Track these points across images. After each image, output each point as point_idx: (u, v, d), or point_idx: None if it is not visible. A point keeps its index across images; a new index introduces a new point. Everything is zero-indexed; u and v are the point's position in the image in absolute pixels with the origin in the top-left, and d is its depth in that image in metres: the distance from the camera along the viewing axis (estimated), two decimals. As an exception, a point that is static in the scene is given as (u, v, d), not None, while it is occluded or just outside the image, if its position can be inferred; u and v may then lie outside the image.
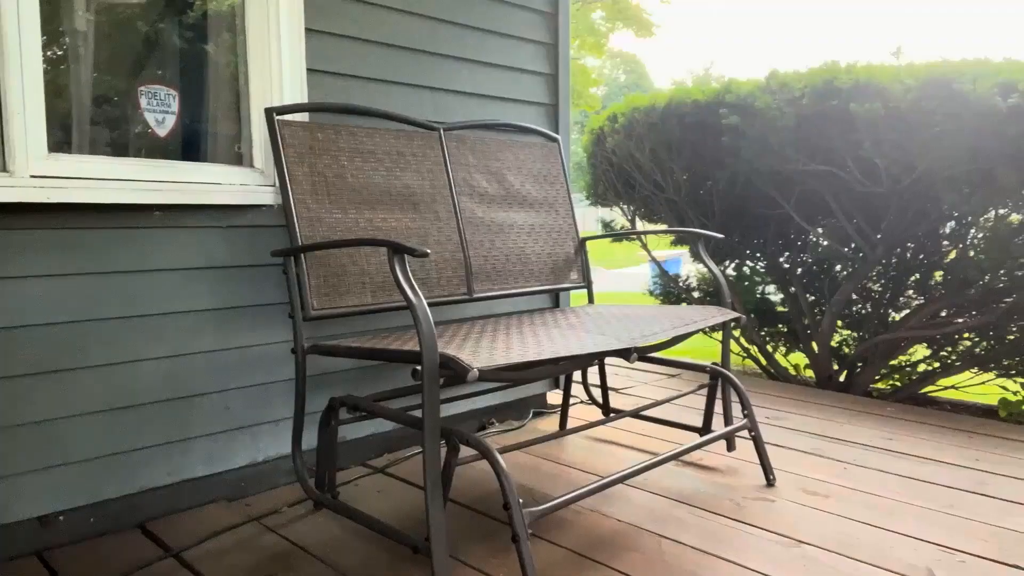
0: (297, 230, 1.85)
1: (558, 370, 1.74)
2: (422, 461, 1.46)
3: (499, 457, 1.47)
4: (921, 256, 3.28)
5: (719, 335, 3.54)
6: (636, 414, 2.30)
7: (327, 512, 1.92)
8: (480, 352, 1.53)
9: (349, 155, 2.03)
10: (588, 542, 1.74)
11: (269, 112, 1.90)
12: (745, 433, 2.24)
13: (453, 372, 1.42)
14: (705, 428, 2.31)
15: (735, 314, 2.08)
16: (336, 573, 1.61)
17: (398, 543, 1.69)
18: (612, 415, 2.46)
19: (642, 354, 1.94)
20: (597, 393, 2.69)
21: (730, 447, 2.36)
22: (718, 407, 2.32)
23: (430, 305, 1.47)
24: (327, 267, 1.88)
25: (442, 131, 2.28)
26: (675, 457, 1.94)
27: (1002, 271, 2.92)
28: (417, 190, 2.15)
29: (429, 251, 1.49)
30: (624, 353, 1.70)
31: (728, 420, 2.30)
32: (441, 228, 2.18)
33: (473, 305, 2.52)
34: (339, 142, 2.02)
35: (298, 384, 1.86)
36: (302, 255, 1.84)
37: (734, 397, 2.26)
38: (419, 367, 1.42)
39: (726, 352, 2.32)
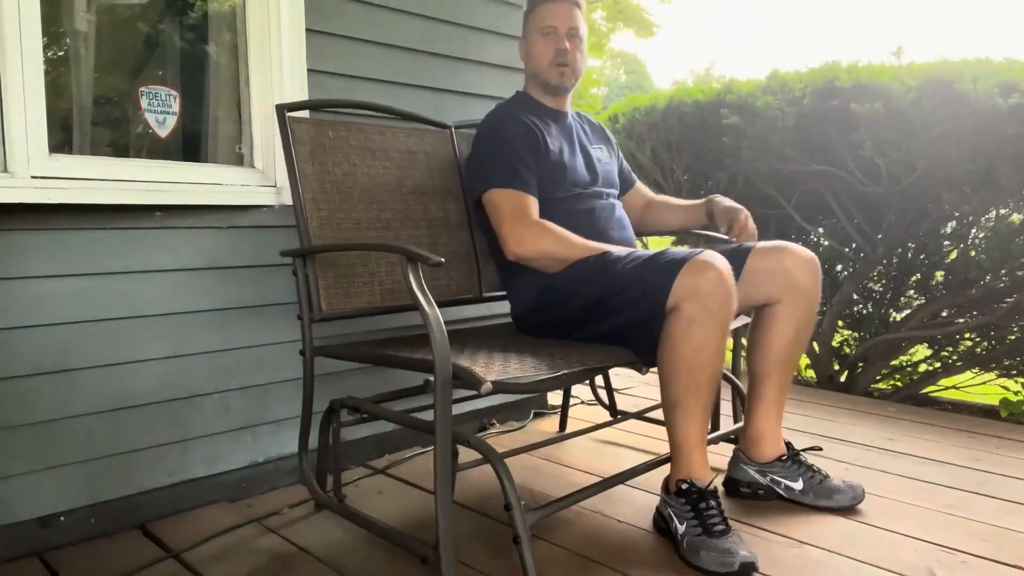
0: (308, 230, 1.82)
1: (568, 380, 1.72)
2: (432, 467, 1.44)
3: (501, 459, 1.46)
4: (922, 256, 3.27)
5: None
6: (641, 416, 2.31)
7: (328, 513, 1.92)
8: (493, 363, 1.51)
9: (360, 153, 1.99)
10: (589, 542, 1.73)
11: (280, 108, 1.86)
12: (746, 433, 2.23)
13: (466, 383, 1.41)
14: (706, 428, 2.30)
15: (744, 319, 2.09)
16: (337, 574, 1.61)
17: (400, 548, 1.69)
18: (619, 416, 2.46)
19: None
20: (601, 394, 2.69)
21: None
22: (721, 408, 2.32)
23: (439, 305, 1.45)
24: (336, 268, 1.85)
25: (453, 129, 2.27)
26: (676, 457, 1.94)
27: (1003, 271, 2.92)
28: (428, 189, 2.13)
29: (443, 259, 1.45)
30: (635, 366, 1.69)
31: (736, 418, 2.29)
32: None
33: (482, 305, 2.51)
34: (350, 140, 1.98)
35: (306, 385, 1.84)
36: (312, 256, 1.81)
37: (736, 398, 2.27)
38: (431, 378, 1.41)
39: (734, 357, 2.32)
